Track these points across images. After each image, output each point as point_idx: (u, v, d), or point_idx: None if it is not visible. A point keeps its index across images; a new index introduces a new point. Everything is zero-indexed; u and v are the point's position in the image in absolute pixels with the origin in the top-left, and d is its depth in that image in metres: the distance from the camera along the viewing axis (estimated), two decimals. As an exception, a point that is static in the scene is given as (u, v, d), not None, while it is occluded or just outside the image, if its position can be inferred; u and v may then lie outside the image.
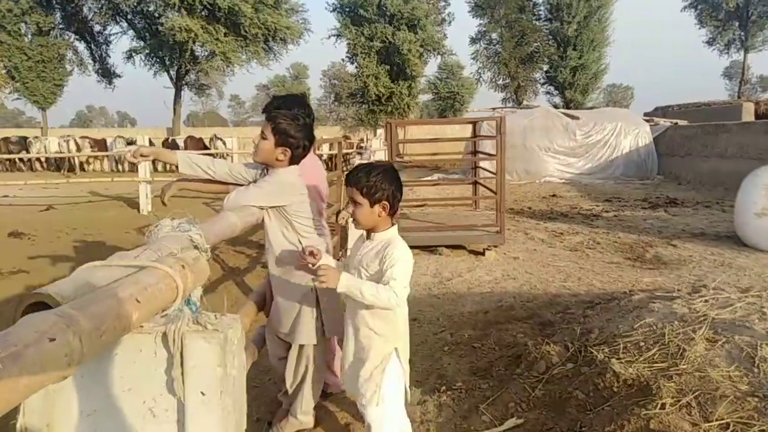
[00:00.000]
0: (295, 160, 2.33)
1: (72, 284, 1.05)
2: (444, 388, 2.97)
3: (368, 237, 2.11)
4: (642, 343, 2.53)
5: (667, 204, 11.63)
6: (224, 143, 23.37)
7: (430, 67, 32.01)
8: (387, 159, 7.77)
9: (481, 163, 9.05)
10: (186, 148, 21.79)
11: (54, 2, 26.82)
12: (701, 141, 15.54)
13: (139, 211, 10.08)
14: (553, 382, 2.63)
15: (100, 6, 25.84)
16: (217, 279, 5.55)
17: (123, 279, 1.10)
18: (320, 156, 22.50)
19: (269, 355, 2.75)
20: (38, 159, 21.66)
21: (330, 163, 22.02)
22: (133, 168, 21.49)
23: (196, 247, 1.34)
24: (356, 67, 28.79)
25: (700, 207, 11.14)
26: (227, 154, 22.79)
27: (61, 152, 20.44)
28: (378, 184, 2.00)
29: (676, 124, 17.90)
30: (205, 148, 22.43)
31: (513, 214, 10.28)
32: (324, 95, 50.45)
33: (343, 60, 30.43)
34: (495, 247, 6.80)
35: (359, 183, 2.01)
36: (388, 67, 27.46)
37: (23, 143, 22.24)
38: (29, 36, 26.97)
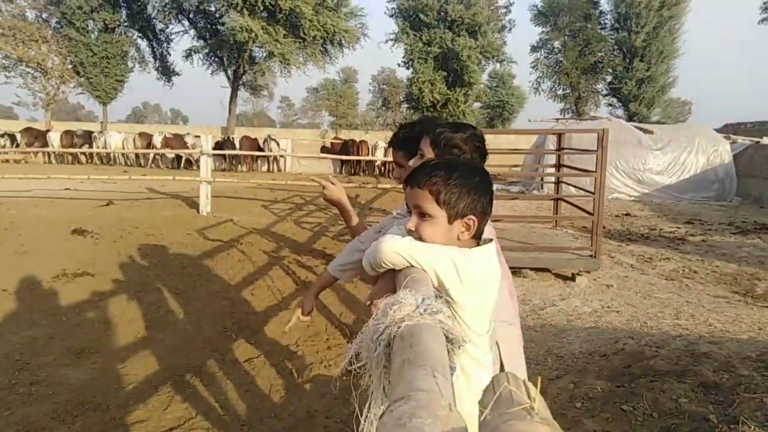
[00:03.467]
0: None
1: None
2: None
3: None
4: None
5: (758, 230, 10.64)
6: (278, 144, 23.25)
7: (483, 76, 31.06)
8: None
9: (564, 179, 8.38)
10: (241, 148, 21.76)
11: (121, 0, 27.45)
12: (790, 162, 14.35)
13: (198, 211, 9.84)
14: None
15: (163, 4, 26.27)
16: (290, 294, 5.12)
17: None
18: (374, 162, 22.12)
19: None
20: (98, 154, 22.04)
21: (384, 170, 21.54)
22: (190, 166, 21.66)
23: (449, 341, 0.83)
24: (412, 73, 28.22)
25: (797, 235, 10.11)
26: (281, 156, 22.78)
27: (124, 148, 20.74)
28: (463, 188, 1.31)
29: (758, 142, 16.65)
30: (259, 148, 22.30)
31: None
32: (372, 99, 50.55)
33: (399, 65, 29.90)
34: (587, 272, 6.15)
35: (434, 185, 1.31)
36: (444, 73, 26.82)
37: (87, 137, 22.69)
38: (95, 33, 27.66)
